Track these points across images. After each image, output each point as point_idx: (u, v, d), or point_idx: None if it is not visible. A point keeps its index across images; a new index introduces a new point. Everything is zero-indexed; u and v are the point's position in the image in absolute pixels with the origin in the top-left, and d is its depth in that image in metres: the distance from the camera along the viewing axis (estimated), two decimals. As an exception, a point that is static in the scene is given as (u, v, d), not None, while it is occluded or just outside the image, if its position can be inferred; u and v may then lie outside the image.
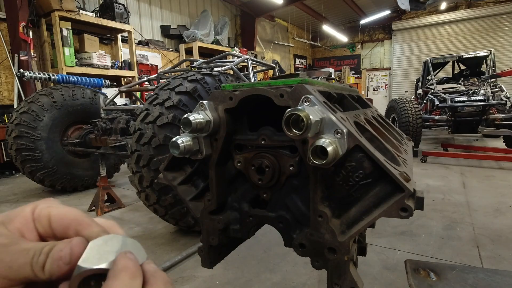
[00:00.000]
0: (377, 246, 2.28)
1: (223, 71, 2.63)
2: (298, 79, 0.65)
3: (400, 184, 0.56)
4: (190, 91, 2.13)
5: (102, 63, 6.07)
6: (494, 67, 6.89)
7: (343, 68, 13.46)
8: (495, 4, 12.28)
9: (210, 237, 0.78)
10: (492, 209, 2.99)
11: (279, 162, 0.71)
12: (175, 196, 2.11)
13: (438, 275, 0.98)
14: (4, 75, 5.43)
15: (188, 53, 8.77)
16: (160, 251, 2.30)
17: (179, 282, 1.90)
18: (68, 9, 5.47)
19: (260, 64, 4.11)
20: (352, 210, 0.62)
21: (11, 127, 3.52)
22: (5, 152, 4.74)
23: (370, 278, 1.88)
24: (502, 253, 2.17)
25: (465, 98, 5.52)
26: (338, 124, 0.56)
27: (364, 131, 0.72)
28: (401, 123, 5.60)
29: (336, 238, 0.61)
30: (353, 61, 15.66)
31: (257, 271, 1.99)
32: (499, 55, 10.14)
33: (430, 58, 7.35)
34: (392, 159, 0.67)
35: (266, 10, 10.96)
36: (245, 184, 0.78)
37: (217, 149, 0.72)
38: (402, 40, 14.35)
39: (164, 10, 8.71)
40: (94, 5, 6.77)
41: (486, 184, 3.86)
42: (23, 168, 3.58)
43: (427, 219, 2.77)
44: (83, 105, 3.96)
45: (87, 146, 3.74)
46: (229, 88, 0.72)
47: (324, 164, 0.54)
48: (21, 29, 5.16)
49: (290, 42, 14.07)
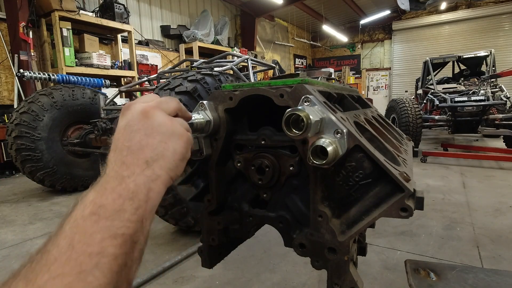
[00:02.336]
0: (377, 246, 2.28)
1: (223, 71, 2.63)
2: (298, 79, 0.65)
3: (400, 184, 0.56)
4: (190, 91, 2.13)
5: (102, 63, 6.07)
6: (494, 67, 6.89)
7: (343, 68, 13.46)
8: (495, 4, 12.28)
9: (210, 237, 0.78)
10: (492, 209, 2.99)
11: (279, 162, 0.71)
12: (175, 196, 2.11)
13: (438, 275, 0.98)
14: (4, 75, 5.43)
15: (188, 53, 8.77)
16: (160, 251, 2.30)
17: (179, 282, 1.90)
18: (68, 9, 5.47)
19: (260, 64, 4.11)
20: (352, 210, 0.62)
21: (11, 127, 3.52)
22: (5, 152, 4.74)
23: (370, 278, 1.88)
24: (502, 253, 2.17)
25: (465, 98, 5.52)
26: (338, 124, 0.56)
27: (364, 131, 0.72)
28: (401, 123, 5.60)
29: (336, 238, 0.61)
30: (353, 61, 15.66)
31: (257, 271, 1.99)
32: (499, 55, 10.13)
33: (430, 58, 7.35)
34: (392, 159, 0.67)
35: (266, 10, 10.96)
36: (245, 184, 0.78)
37: (217, 149, 0.72)
38: (402, 40, 14.35)
39: (164, 10, 8.71)
40: (94, 5, 6.77)
41: (486, 184, 3.86)
42: (23, 168, 3.58)
43: (427, 219, 2.77)
44: (83, 105, 3.96)
45: (87, 146, 3.74)
46: (229, 88, 0.72)
47: (324, 164, 0.54)
48: (21, 29, 5.16)
49: (290, 42, 14.07)
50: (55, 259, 0.31)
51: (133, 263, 0.35)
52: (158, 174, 0.42)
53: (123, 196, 0.37)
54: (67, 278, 0.29)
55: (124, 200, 0.37)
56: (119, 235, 0.34)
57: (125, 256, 0.34)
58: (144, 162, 0.42)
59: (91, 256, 0.31)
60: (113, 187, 0.38)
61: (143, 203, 0.38)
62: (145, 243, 0.38)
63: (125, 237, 0.34)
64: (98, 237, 0.33)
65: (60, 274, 0.29)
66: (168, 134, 0.46)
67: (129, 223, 0.35)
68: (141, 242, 0.37)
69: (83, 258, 0.31)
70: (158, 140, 0.45)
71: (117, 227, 0.34)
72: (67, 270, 0.30)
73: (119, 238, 0.34)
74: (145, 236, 0.38)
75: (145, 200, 0.39)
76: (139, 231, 0.37)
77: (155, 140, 0.44)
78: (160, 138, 0.45)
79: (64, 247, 0.32)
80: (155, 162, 0.43)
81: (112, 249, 0.33)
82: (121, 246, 0.33)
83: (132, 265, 0.35)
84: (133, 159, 0.42)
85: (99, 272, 0.31)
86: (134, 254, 0.35)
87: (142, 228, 0.37)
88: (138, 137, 0.44)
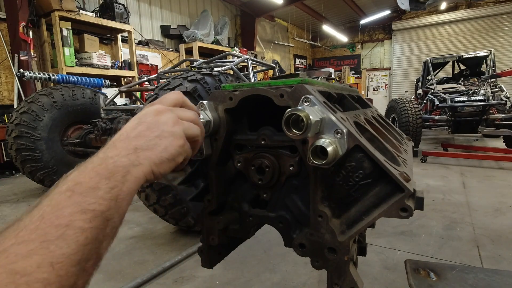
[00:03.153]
0: (377, 246, 2.28)
1: (223, 71, 2.63)
2: (298, 79, 0.65)
3: (400, 184, 0.56)
4: (190, 91, 2.13)
5: (102, 63, 6.07)
6: (494, 67, 6.89)
7: (343, 68, 13.46)
8: (495, 4, 12.28)
9: (210, 237, 0.78)
10: (492, 209, 2.99)
11: (279, 162, 0.71)
12: (175, 196, 2.11)
13: (438, 275, 0.98)
14: (4, 75, 5.43)
15: (188, 53, 8.77)
16: (160, 251, 2.30)
17: (179, 282, 1.90)
18: (68, 9, 5.47)
19: (260, 64, 4.11)
20: (352, 210, 0.62)
21: (11, 127, 3.52)
22: (5, 152, 4.74)
23: (370, 278, 1.88)
24: (502, 253, 2.17)
25: (465, 98, 5.52)
26: (338, 124, 0.56)
27: (364, 131, 0.72)
28: (401, 123, 5.59)
29: (336, 238, 0.61)
30: (353, 61, 15.66)
31: (257, 271, 1.99)
32: (499, 55, 10.13)
33: (430, 58, 7.34)
34: (392, 159, 0.67)
35: (266, 10, 10.96)
36: (245, 184, 0.78)
37: (217, 149, 0.72)
38: (402, 40, 14.35)
39: (164, 10, 8.71)
40: (94, 5, 6.77)
41: (486, 184, 3.86)
42: (23, 168, 3.58)
43: (427, 219, 2.77)
44: (83, 105, 3.96)
45: (87, 146, 3.74)
46: (229, 88, 0.72)
47: (324, 164, 0.54)
48: (21, 29, 5.16)
49: (290, 42, 14.07)
50: (24, 227, 0.33)
51: (104, 239, 0.37)
52: (141, 162, 0.44)
53: (100, 174, 0.39)
54: (31, 244, 0.31)
55: (101, 179, 0.39)
56: (90, 210, 0.35)
57: (95, 231, 0.35)
58: (133, 148, 0.44)
59: (57, 227, 0.33)
60: (94, 166, 0.40)
61: (119, 184, 0.40)
62: (120, 222, 0.40)
63: (95, 212, 0.36)
64: (68, 210, 0.34)
65: (26, 240, 0.31)
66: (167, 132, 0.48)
67: (102, 200, 0.37)
68: (115, 220, 0.39)
69: (50, 229, 0.33)
70: (156, 134, 0.47)
71: (89, 203, 0.36)
72: (32, 237, 0.32)
73: (89, 213, 0.35)
74: (120, 215, 0.40)
75: (121, 181, 0.40)
76: (113, 209, 0.38)
77: (152, 133, 0.47)
78: (158, 134, 0.48)
79: (35, 217, 0.34)
80: (143, 151, 0.45)
81: (80, 222, 0.34)
82: (90, 220, 0.35)
83: (103, 240, 0.37)
84: (125, 143, 0.45)
85: (63, 242, 0.32)
86: (106, 230, 0.37)
87: (117, 207, 0.39)
88: (140, 128, 0.47)
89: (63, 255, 0.32)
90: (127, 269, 2.07)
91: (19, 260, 0.30)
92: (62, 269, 0.31)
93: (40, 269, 0.30)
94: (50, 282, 0.30)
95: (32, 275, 0.29)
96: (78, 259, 0.33)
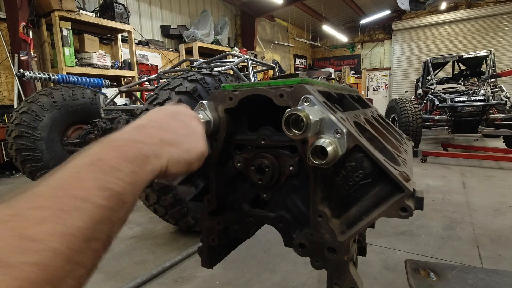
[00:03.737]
0: (377, 246, 2.28)
1: (223, 71, 2.63)
2: (298, 79, 0.65)
3: (400, 184, 0.56)
4: (190, 91, 2.13)
5: (102, 63, 6.07)
6: (494, 67, 6.89)
7: (343, 68, 13.46)
8: (495, 4, 12.28)
9: (210, 237, 0.78)
10: (492, 209, 2.99)
11: (279, 162, 0.71)
12: (175, 196, 2.11)
13: (438, 275, 0.98)
14: (4, 75, 5.43)
15: (188, 53, 8.77)
16: (160, 251, 2.30)
17: (179, 282, 1.90)
18: (68, 9, 5.47)
19: (260, 64, 4.11)
20: (352, 210, 0.62)
21: (11, 127, 3.52)
22: (5, 152, 4.74)
23: (370, 278, 1.88)
24: (502, 253, 2.17)
25: (465, 98, 5.52)
26: (338, 124, 0.56)
27: (364, 131, 0.72)
28: (401, 123, 5.59)
29: (336, 238, 0.61)
30: (353, 61, 15.66)
31: (257, 271, 1.99)
32: (499, 55, 10.13)
33: (430, 58, 7.34)
34: (392, 159, 0.67)
35: (266, 10, 10.96)
36: (245, 184, 0.78)
37: (217, 149, 0.72)
38: (402, 40, 14.35)
39: (164, 10, 8.71)
40: (94, 5, 6.77)
41: (486, 184, 3.86)
42: (23, 168, 3.58)
43: (427, 219, 2.77)
44: (83, 105, 3.96)
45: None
46: (229, 88, 0.72)
47: (324, 164, 0.54)
48: (21, 29, 5.16)
49: (290, 42, 14.07)
50: (40, 193, 0.32)
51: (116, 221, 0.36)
52: (162, 155, 0.44)
53: (123, 156, 0.39)
54: (46, 211, 0.30)
55: (124, 161, 0.38)
56: (108, 188, 0.35)
57: (109, 211, 0.34)
58: (159, 139, 0.44)
59: (75, 198, 0.32)
60: (117, 146, 0.40)
61: (139, 170, 0.39)
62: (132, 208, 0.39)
63: (113, 192, 0.35)
64: (87, 184, 0.34)
65: (41, 206, 0.30)
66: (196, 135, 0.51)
67: (121, 182, 0.36)
68: (129, 205, 0.38)
69: (66, 199, 0.32)
70: (184, 133, 0.49)
71: (108, 182, 0.35)
72: (48, 204, 0.31)
73: (107, 191, 0.35)
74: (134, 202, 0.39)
75: (142, 168, 0.40)
76: (129, 194, 0.37)
77: (182, 131, 0.48)
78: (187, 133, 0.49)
79: (52, 186, 0.33)
80: (167, 146, 0.45)
81: (98, 199, 0.34)
82: (107, 199, 0.34)
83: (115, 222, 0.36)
84: (153, 131, 0.45)
85: (78, 215, 0.32)
86: (119, 213, 0.36)
87: (133, 192, 0.38)
88: (173, 123, 0.49)
89: (77, 227, 0.31)
90: (127, 269, 2.07)
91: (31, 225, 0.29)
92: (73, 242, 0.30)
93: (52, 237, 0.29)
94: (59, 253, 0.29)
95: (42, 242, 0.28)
96: (89, 235, 0.32)
